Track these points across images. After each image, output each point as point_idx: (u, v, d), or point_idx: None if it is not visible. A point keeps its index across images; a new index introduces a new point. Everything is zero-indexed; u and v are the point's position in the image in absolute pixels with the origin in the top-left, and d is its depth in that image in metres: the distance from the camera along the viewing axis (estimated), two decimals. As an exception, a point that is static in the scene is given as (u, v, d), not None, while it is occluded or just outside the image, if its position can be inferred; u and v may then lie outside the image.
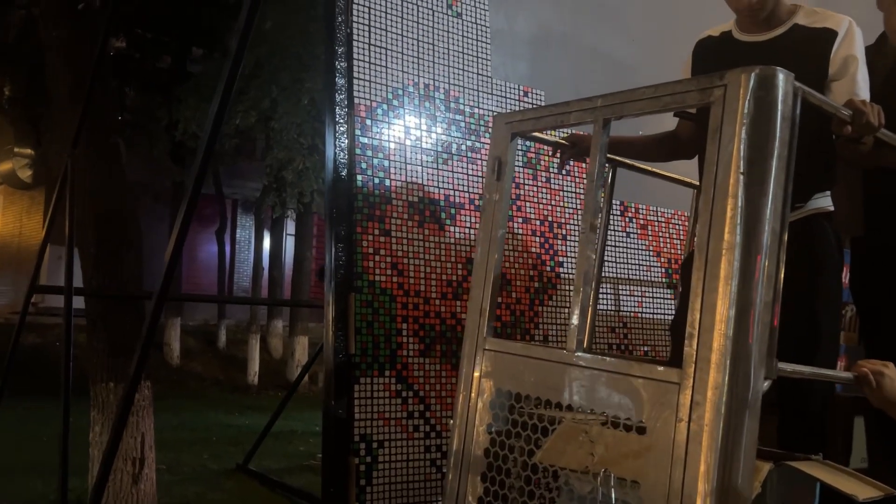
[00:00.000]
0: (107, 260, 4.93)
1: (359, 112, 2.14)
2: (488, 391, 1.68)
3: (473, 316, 1.75)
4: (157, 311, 3.31)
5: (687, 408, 1.31)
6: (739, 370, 1.29)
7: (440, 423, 2.17)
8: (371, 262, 2.13)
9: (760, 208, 1.30)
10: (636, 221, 2.76)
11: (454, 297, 2.26)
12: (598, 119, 1.55)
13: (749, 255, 1.30)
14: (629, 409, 1.41)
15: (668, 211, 2.87)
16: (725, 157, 1.32)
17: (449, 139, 2.34)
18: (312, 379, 11.29)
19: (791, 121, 1.33)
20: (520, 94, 2.52)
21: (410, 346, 2.16)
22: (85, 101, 4.66)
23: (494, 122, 1.75)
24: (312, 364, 7.18)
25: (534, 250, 2.46)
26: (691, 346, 1.32)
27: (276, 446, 7.36)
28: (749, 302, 1.29)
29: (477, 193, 2.36)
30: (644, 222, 2.78)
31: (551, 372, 1.56)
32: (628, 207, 2.76)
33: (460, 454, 1.69)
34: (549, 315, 2.46)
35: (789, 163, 1.33)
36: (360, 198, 2.13)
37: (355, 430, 2.01)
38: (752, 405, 1.29)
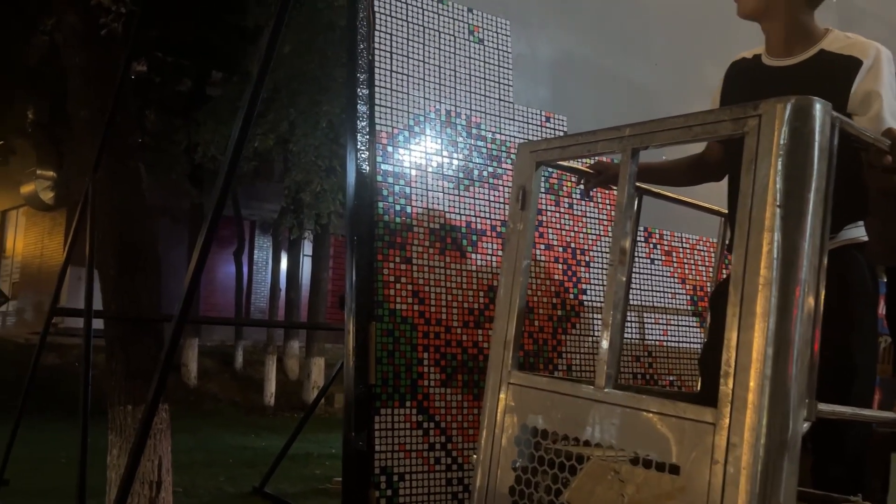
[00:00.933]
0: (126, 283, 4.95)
1: (380, 139, 2.12)
2: (513, 426, 1.63)
3: (497, 348, 1.70)
4: (177, 336, 3.29)
5: (723, 449, 1.26)
6: (778, 411, 1.23)
7: (462, 456, 2.12)
8: (392, 291, 2.09)
9: (798, 242, 1.26)
10: (661, 248, 2.71)
11: (476, 325, 2.22)
12: (626, 149, 1.51)
13: (787, 291, 1.25)
14: (661, 449, 1.36)
15: (693, 237, 2.82)
16: (761, 190, 1.28)
17: (470, 165, 2.31)
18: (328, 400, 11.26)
19: (829, 152, 1.29)
20: (542, 120, 2.50)
21: (432, 375, 2.12)
22: (106, 127, 4.70)
23: (519, 150, 1.72)
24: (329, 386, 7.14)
25: (556, 277, 2.42)
26: (727, 385, 1.27)
27: (292, 469, 7.32)
28: (787, 340, 1.24)
29: (499, 220, 2.33)
30: (669, 248, 2.73)
31: (579, 408, 1.51)
32: (652, 233, 2.71)
33: (484, 491, 1.64)
34: (572, 344, 2.41)
35: (827, 195, 1.29)
36: (381, 225, 2.10)
37: (376, 463, 1.97)
38: (792, 448, 1.24)
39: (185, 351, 11.80)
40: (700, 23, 2.97)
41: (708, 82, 2.76)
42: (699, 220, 2.70)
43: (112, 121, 4.71)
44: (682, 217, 2.72)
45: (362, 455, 1.96)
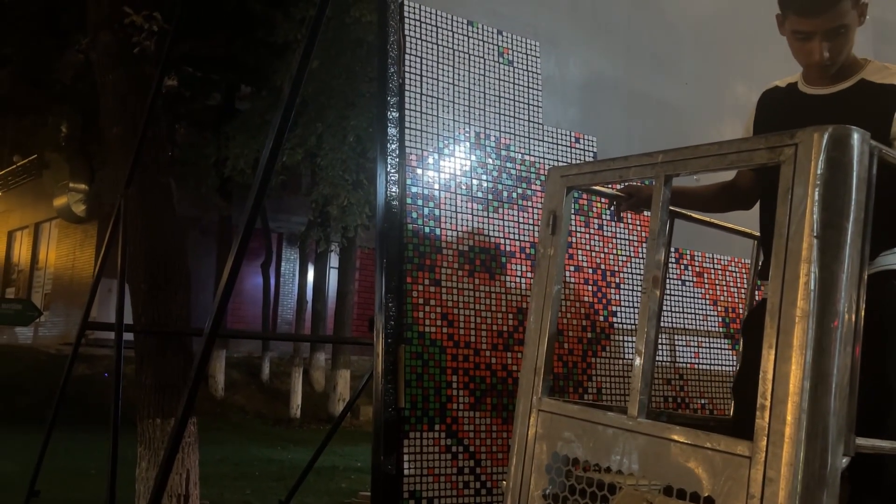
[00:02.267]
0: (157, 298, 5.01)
1: (410, 161, 2.13)
2: (543, 454, 1.62)
3: (528, 374, 1.69)
4: (207, 351, 3.32)
5: (759, 484, 1.24)
6: (816, 446, 1.21)
7: (491, 480, 2.11)
8: (421, 313, 2.09)
9: (836, 274, 1.24)
10: (692, 269, 2.68)
11: (505, 348, 2.22)
12: (659, 175, 1.50)
13: (825, 324, 1.23)
14: (695, 481, 1.34)
15: (725, 258, 2.79)
16: (797, 220, 1.26)
17: (500, 187, 2.31)
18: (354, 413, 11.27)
19: (867, 182, 1.27)
20: (571, 141, 2.49)
21: (461, 399, 2.11)
22: (138, 143, 4.77)
23: (549, 175, 1.72)
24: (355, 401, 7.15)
25: (586, 299, 2.40)
26: (763, 419, 1.25)
27: (317, 483, 7.33)
28: (826, 373, 1.22)
29: (528, 241, 2.32)
30: (700, 270, 2.70)
31: (611, 437, 1.50)
32: (683, 255, 2.68)
33: (514, 519, 1.63)
34: (602, 366, 2.39)
35: (866, 226, 1.27)
36: (410, 247, 2.11)
37: (405, 486, 1.97)
38: (831, 484, 1.21)
39: (212, 362, 11.91)
40: (730, 42, 2.95)
41: (739, 102, 2.74)
42: (731, 241, 2.67)
43: (143, 138, 4.78)
44: (713, 238, 2.69)
45: (391, 478, 1.96)
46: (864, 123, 1.35)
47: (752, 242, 2.31)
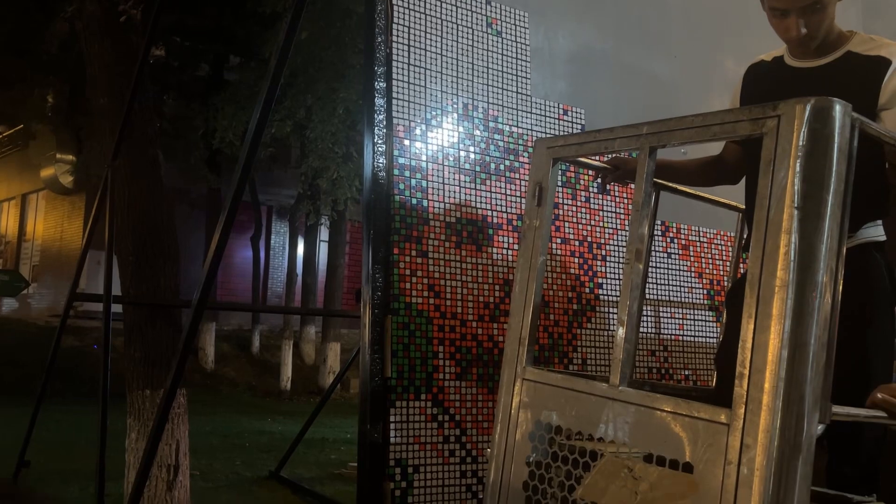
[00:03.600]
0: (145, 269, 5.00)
1: (397, 132, 2.12)
2: (527, 422, 1.64)
3: (512, 344, 1.71)
4: (196, 322, 3.33)
5: (736, 450, 1.27)
6: (792, 413, 1.24)
7: (476, 449, 2.14)
8: (408, 284, 2.10)
9: (816, 245, 1.25)
10: (678, 242, 2.70)
11: (491, 319, 2.23)
12: (643, 147, 1.51)
13: (804, 294, 1.25)
14: (675, 448, 1.36)
15: (711, 231, 2.80)
16: (779, 192, 1.27)
17: (487, 159, 2.31)
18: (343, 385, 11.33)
19: (848, 154, 1.28)
20: (559, 113, 2.49)
21: (447, 369, 2.13)
22: (125, 115, 4.73)
23: (535, 146, 1.72)
24: (345, 372, 7.19)
25: (572, 272, 2.42)
26: (741, 387, 1.27)
27: (307, 454, 7.38)
28: (804, 342, 1.24)
29: (515, 214, 2.33)
30: (686, 243, 2.72)
31: (594, 406, 1.52)
32: (669, 227, 2.70)
33: (497, 486, 1.66)
34: (587, 338, 2.41)
35: (846, 198, 1.28)
36: (397, 219, 2.11)
37: (391, 455, 1.99)
38: (806, 450, 1.24)
39: (202, 335, 11.92)
40: (720, 16, 2.94)
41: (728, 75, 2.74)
42: (716, 214, 2.68)
43: (130, 108, 4.74)
44: (699, 211, 2.71)
45: (377, 447, 1.98)
46: (850, 96, 1.36)
47: (737, 215, 2.33)
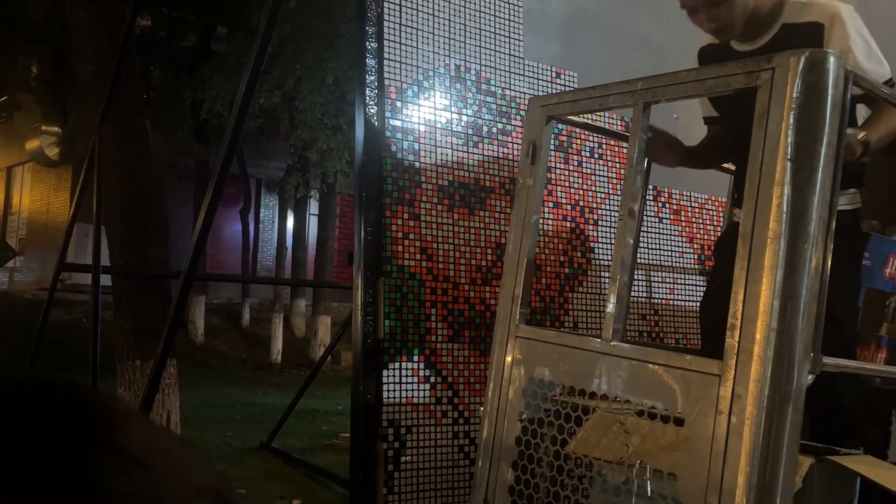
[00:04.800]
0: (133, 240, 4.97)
1: (389, 94, 2.11)
2: (520, 379, 1.66)
3: (505, 303, 1.72)
4: (185, 292, 3.32)
5: (727, 400, 1.28)
6: (783, 363, 1.25)
7: (468, 410, 2.15)
8: (400, 247, 2.10)
9: (808, 196, 1.26)
10: (669, 207, 2.71)
11: (483, 282, 2.24)
12: (637, 103, 1.50)
13: (795, 245, 1.26)
14: (667, 400, 1.38)
15: (702, 196, 2.81)
16: (772, 143, 1.27)
17: (479, 121, 2.30)
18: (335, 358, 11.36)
19: (842, 106, 1.28)
20: (552, 76, 2.47)
21: (439, 331, 2.14)
22: (112, 82, 4.67)
23: (529, 104, 1.71)
24: (336, 344, 7.21)
25: (564, 236, 2.42)
26: (733, 338, 1.29)
27: (298, 425, 7.42)
28: (795, 293, 1.25)
29: (507, 177, 2.32)
30: (677, 207, 2.72)
31: (586, 361, 1.53)
32: (661, 192, 2.70)
33: (490, 442, 1.67)
34: (579, 301, 2.42)
35: (839, 150, 1.28)
36: (389, 181, 2.10)
37: (383, 415, 2.00)
38: (796, 399, 1.26)
39: (192, 308, 11.89)
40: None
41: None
42: (708, 180, 2.69)
43: (117, 76, 4.68)
44: (691, 176, 2.72)
45: (370, 407, 1.99)
46: None
47: (728, 179, 2.33)
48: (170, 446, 0.43)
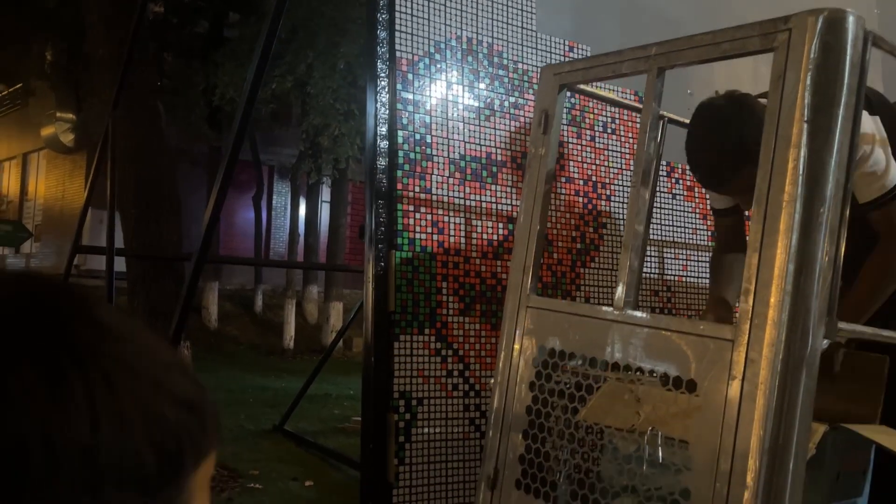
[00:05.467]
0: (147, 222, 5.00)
1: (400, 66, 2.10)
2: (531, 348, 1.65)
3: (516, 273, 1.71)
4: (197, 272, 3.34)
5: (741, 365, 1.27)
6: (798, 327, 1.24)
7: (479, 383, 2.15)
8: (411, 220, 2.10)
9: (825, 159, 1.24)
10: (683, 183, 2.68)
11: (495, 256, 2.23)
12: (651, 68, 1.49)
13: (812, 208, 1.24)
14: (679, 366, 1.37)
15: (716, 173, 2.78)
16: (788, 105, 1.25)
17: (492, 95, 2.29)
18: (347, 344, 11.40)
19: (861, 67, 1.26)
20: (565, 50, 2.45)
21: (450, 304, 2.14)
22: (125, 64, 4.69)
23: (542, 73, 1.70)
24: (347, 329, 7.23)
25: (577, 210, 2.41)
26: (747, 302, 1.27)
27: (311, 409, 7.45)
28: (811, 256, 1.24)
29: (520, 151, 2.31)
30: (691, 184, 2.70)
31: (597, 329, 1.52)
32: (675, 168, 2.68)
33: (501, 412, 1.67)
34: (591, 277, 2.41)
35: (857, 111, 1.26)
36: (400, 154, 2.09)
37: (395, 388, 2.00)
38: (811, 364, 1.24)
39: (205, 293, 11.96)
40: (729, -48, 2.88)
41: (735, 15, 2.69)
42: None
43: (130, 58, 4.70)
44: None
45: (381, 380, 1.99)
46: None
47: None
48: (159, 348, 0.44)
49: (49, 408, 0.37)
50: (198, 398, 0.44)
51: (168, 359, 0.44)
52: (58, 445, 0.36)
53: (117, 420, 0.38)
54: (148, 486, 0.39)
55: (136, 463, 0.39)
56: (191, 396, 0.43)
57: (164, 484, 0.41)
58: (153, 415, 0.40)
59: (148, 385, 0.41)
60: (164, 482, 0.41)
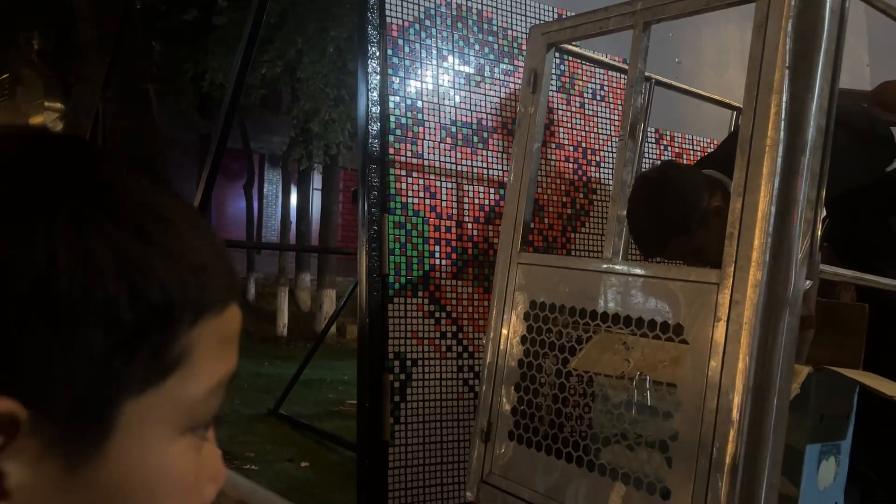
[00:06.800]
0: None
1: (391, 31, 2.12)
2: (523, 303, 1.68)
3: (507, 230, 1.74)
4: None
5: (726, 307, 1.30)
6: (780, 268, 1.27)
7: (472, 345, 2.18)
8: (403, 185, 2.12)
9: (806, 104, 1.27)
10: (671, 150, 2.72)
11: (486, 221, 2.26)
12: (637, 23, 1.51)
13: (794, 153, 1.27)
14: (667, 312, 1.40)
15: (705, 140, 2.82)
16: (770, 52, 1.29)
17: (482, 61, 2.31)
18: (340, 331, 11.42)
19: (840, 14, 1.29)
20: (553, 17, 2.47)
21: (443, 268, 2.17)
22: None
23: (530, 33, 1.72)
24: (340, 313, 7.25)
25: (567, 176, 2.44)
26: (731, 246, 1.31)
27: (306, 393, 7.49)
28: (792, 199, 1.27)
29: (510, 118, 2.34)
30: (679, 151, 2.73)
31: (588, 281, 1.56)
32: (663, 135, 2.71)
33: (494, 366, 1.71)
34: (581, 242, 2.44)
35: (837, 58, 1.29)
36: (392, 119, 2.12)
37: (389, 348, 2.03)
38: (793, 303, 1.28)
39: (197, 282, 11.92)
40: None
41: None
42: (710, 123, 2.70)
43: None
44: (694, 119, 2.72)
45: (376, 340, 2.02)
46: None
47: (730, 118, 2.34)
48: (168, 208, 0.44)
49: (3, 238, 0.37)
50: (202, 255, 0.44)
51: (172, 216, 0.44)
52: (9, 270, 0.37)
53: (80, 257, 0.38)
54: (122, 330, 0.40)
55: (104, 303, 0.39)
56: (192, 252, 0.43)
57: (146, 333, 0.41)
58: (132, 261, 0.40)
59: (131, 233, 0.41)
60: (146, 331, 0.41)
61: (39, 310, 0.37)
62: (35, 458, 0.38)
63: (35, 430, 0.38)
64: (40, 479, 0.39)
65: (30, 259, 0.37)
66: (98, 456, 0.40)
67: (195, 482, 0.46)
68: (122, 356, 0.40)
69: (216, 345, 0.46)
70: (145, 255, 0.41)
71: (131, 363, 0.40)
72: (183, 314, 0.43)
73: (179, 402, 0.44)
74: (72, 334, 0.38)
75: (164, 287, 0.41)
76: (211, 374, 0.46)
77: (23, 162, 0.40)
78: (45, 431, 0.38)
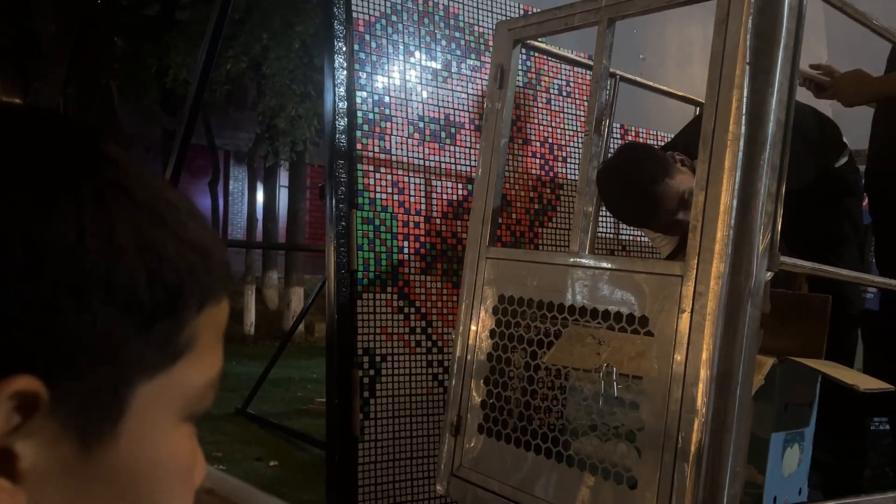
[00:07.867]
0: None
1: (357, 26, 2.11)
2: (491, 297, 1.69)
3: (475, 225, 1.75)
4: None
5: (690, 299, 1.33)
6: (742, 260, 1.30)
7: (441, 340, 2.19)
8: (371, 180, 2.12)
9: (766, 99, 1.30)
10: (636, 145, 2.75)
11: (454, 216, 2.27)
12: (602, 19, 1.53)
13: (754, 147, 1.30)
14: (633, 304, 1.42)
15: (669, 135, 2.85)
16: (731, 48, 1.31)
17: (449, 57, 2.32)
18: (309, 329, 11.36)
19: (798, 11, 1.32)
20: (520, 13, 2.49)
21: (412, 263, 2.17)
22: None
23: (497, 29, 1.73)
24: (308, 311, 7.21)
25: (534, 172, 2.46)
26: (695, 238, 1.33)
27: (274, 392, 7.43)
28: (753, 192, 1.30)
29: (477, 113, 2.35)
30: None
31: (555, 274, 1.57)
32: (629, 131, 2.75)
33: (463, 360, 1.71)
34: (548, 236, 2.47)
35: (796, 54, 1.32)
36: (359, 114, 2.11)
37: (358, 344, 2.03)
38: (755, 294, 1.31)
39: (162, 281, 11.76)
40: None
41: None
42: (674, 119, 2.74)
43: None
44: (658, 115, 2.76)
45: (345, 337, 2.02)
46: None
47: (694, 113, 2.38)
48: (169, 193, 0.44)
49: (33, 213, 0.36)
50: (206, 243, 0.43)
51: (177, 202, 0.43)
52: (39, 246, 0.36)
53: (106, 235, 0.38)
54: (140, 311, 0.39)
55: (126, 282, 0.38)
56: (197, 239, 0.43)
57: (160, 315, 0.40)
58: (148, 242, 0.40)
59: (146, 214, 0.40)
60: (160, 313, 0.40)
61: (69, 287, 0.36)
62: (49, 439, 0.38)
63: (53, 410, 0.37)
64: (53, 462, 0.38)
65: (60, 236, 0.36)
66: (111, 438, 0.40)
67: (191, 469, 0.46)
68: (139, 337, 0.39)
69: (215, 336, 0.46)
70: (159, 236, 0.40)
71: (147, 345, 0.40)
72: (191, 299, 0.42)
73: (184, 388, 0.44)
74: (96, 312, 0.37)
75: (177, 270, 0.41)
76: (211, 365, 0.46)
77: (38, 138, 0.40)
78: (62, 412, 0.37)
